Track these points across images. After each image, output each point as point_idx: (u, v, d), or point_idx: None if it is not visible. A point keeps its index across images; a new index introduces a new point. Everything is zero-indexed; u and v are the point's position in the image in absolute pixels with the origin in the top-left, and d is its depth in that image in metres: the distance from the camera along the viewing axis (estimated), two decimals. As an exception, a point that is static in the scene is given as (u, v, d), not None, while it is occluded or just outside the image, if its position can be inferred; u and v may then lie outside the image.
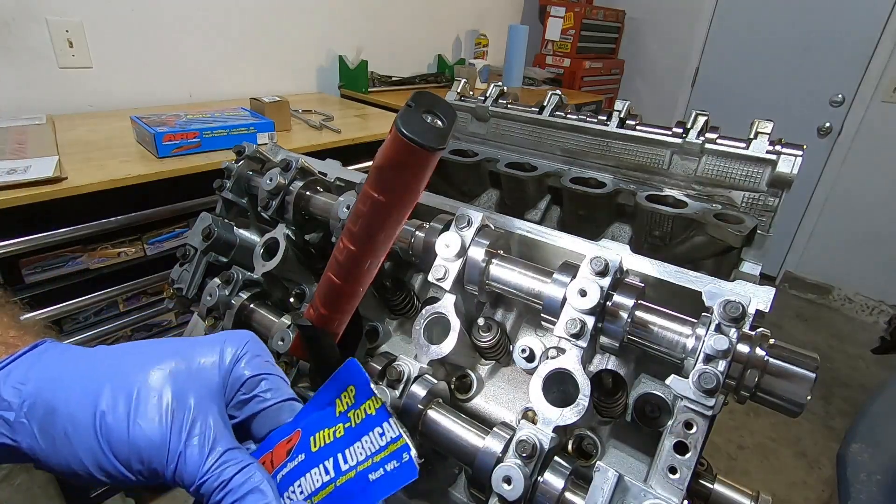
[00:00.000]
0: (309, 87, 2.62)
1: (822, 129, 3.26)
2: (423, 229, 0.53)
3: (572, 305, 0.42)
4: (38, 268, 1.23)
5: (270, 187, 0.61)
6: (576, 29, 3.44)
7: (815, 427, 2.41)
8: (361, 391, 0.36)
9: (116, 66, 1.91)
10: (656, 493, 0.36)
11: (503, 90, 1.00)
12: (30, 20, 1.68)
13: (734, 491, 0.43)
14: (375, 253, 0.39)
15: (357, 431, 0.35)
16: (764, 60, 3.39)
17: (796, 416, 0.37)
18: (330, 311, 0.43)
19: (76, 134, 1.57)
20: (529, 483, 0.37)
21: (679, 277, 0.44)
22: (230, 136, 1.51)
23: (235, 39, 2.23)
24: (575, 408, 0.40)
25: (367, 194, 0.35)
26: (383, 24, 2.82)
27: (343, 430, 0.36)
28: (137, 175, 1.29)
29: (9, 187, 1.11)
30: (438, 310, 0.49)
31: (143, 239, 1.40)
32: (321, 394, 0.38)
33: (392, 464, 0.33)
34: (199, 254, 0.64)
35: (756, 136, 0.73)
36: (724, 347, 0.37)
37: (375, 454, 0.34)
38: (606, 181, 0.80)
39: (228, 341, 0.38)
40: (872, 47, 2.99)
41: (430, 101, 0.33)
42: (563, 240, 0.50)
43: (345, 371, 0.38)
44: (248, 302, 0.59)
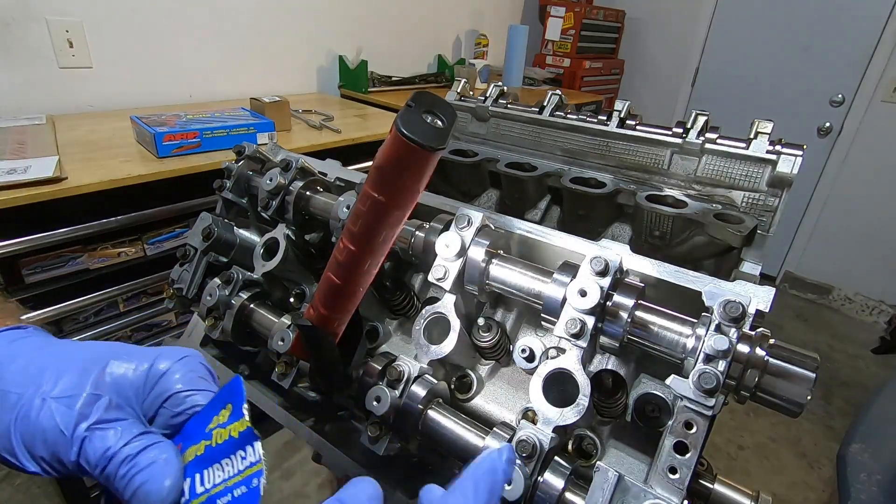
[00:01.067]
0: (309, 87, 2.62)
1: (822, 129, 3.26)
2: (423, 229, 0.53)
3: (572, 305, 0.42)
4: (38, 268, 1.23)
5: (270, 187, 0.61)
6: (576, 29, 3.44)
7: (815, 427, 2.41)
8: (236, 411, 0.35)
9: (116, 66, 1.91)
10: (656, 493, 0.36)
11: (503, 90, 1.00)
12: (30, 20, 1.68)
13: (734, 491, 0.43)
14: (375, 253, 0.39)
15: (217, 452, 0.35)
16: (764, 60, 3.39)
17: (796, 416, 0.37)
18: (330, 311, 0.43)
19: (76, 134, 1.57)
20: (529, 483, 0.37)
21: (679, 277, 0.44)
22: (230, 136, 1.51)
23: (235, 39, 2.23)
24: (575, 408, 0.40)
25: (367, 194, 0.35)
26: (383, 24, 2.82)
27: (203, 449, 0.35)
28: (137, 175, 1.29)
29: (9, 187, 1.11)
30: (438, 310, 0.49)
31: (143, 239, 1.40)
32: (207, 409, 0.37)
33: (241, 489, 0.33)
34: (199, 254, 0.64)
35: (756, 136, 0.73)
36: (725, 347, 0.37)
37: (230, 478, 0.33)
38: (606, 181, 0.80)
39: (163, 354, 0.38)
40: (872, 47, 2.99)
41: (430, 101, 0.33)
42: (563, 240, 0.50)
43: (228, 388, 0.37)
44: (248, 302, 0.59)
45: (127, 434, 0.34)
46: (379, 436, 0.45)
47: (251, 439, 0.34)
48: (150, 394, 0.37)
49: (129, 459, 0.33)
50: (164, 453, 0.34)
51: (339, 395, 0.53)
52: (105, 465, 0.33)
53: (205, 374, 0.39)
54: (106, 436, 0.33)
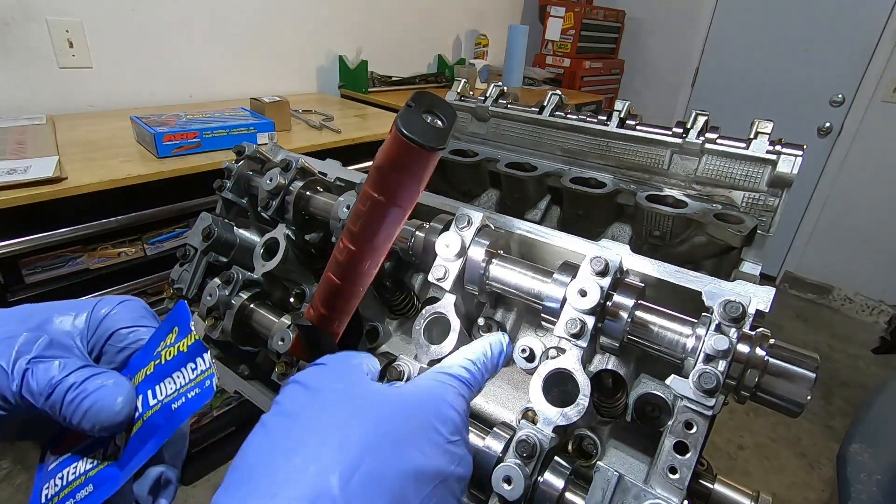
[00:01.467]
0: (309, 87, 2.62)
1: (822, 129, 3.26)
2: (423, 229, 0.53)
3: (572, 305, 0.42)
4: (38, 268, 1.23)
5: (270, 187, 0.61)
6: (576, 29, 3.44)
7: (815, 427, 2.41)
8: (182, 331, 0.37)
9: (116, 66, 1.91)
10: (656, 493, 0.36)
11: (503, 90, 1.00)
12: (30, 20, 1.68)
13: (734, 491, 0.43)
14: (375, 253, 0.39)
15: (167, 368, 0.36)
16: (764, 60, 3.39)
17: (796, 416, 0.37)
18: (330, 311, 0.43)
19: (76, 134, 1.57)
20: (529, 483, 0.37)
21: (679, 277, 0.44)
22: (230, 136, 1.51)
23: (236, 39, 2.23)
24: (575, 408, 0.40)
25: (367, 194, 0.35)
26: (383, 24, 2.82)
27: (153, 368, 0.36)
28: (137, 175, 1.29)
29: (9, 187, 1.11)
30: (438, 310, 0.49)
31: (143, 239, 1.40)
32: (153, 338, 0.39)
33: (194, 391, 0.34)
34: (199, 254, 0.64)
35: (756, 136, 0.73)
36: (725, 347, 0.37)
37: (183, 386, 0.35)
38: (606, 181, 0.80)
39: (103, 301, 0.39)
40: (872, 47, 2.99)
41: (430, 101, 0.33)
42: (563, 240, 0.50)
43: (172, 314, 0.39)
44: (248, 302, 0.59)
45: (71, 366, 0.34)
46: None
47: (200, 351, 0.36)
48: (93, 335, 0.38)
49: (75, 387, 0.33)
50: (112, 378, 0.34)
51: (339, 395, 0.53)
52: (50, 394, 0.33)
53: (146, 314, 0.40)
54: (49, 367, 0.33)
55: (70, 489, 0.35)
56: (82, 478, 0.35)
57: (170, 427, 0.34)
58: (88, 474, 0.35)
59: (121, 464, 0.34)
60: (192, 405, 0.34)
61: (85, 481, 0.35)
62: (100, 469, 0.35)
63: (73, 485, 0.35)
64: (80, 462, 0.36)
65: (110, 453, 0.36)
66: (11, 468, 1.83)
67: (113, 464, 0.35)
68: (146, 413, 0.35)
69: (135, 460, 0.34)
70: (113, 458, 0.35)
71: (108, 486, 0.34)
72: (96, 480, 0.34)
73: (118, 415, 0.33)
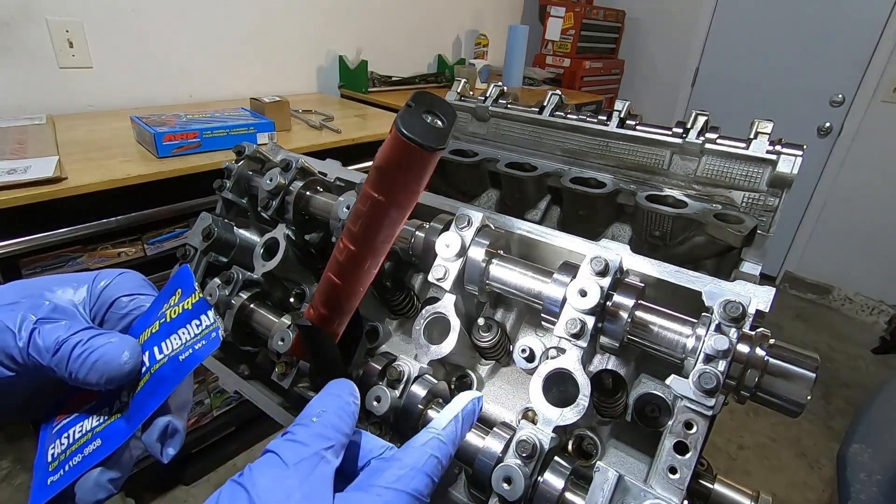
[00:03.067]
0: (309, 87, 2.62)
1: (822, 129, 3.26)
2: (423, 229, 0.53)
3: (572, 305, 0.42)
4: (38, 268, 1.23)
5: (270, 187, 0.61)
6: (576, 29, 3.44)
7: (815, 427, 2.41)
8: (186, 291, 0.39)
9: (116, 66, 1.91)
10: (656, 493, 0.36)
11: (503, 90, 1.00)
12: (30, 20, 1.68)
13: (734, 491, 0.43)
14: (375, 253, 0.39)
15: (172, 325, 0.37)
16: (764, 60, 3.39)
17: (796, 416, 0.37)
18: (330, 311, 0.43)
19: (76, 134, 1.57)
20: (529, 483, 0.37)
21: (679, 277, 0.44)
22: (230, 136, 1.51)
23: (236, 39, 2.23)
24: (575, 408, 0.40)
25: (367, 194, 0.35)
26: (383, 24, 2.82)
27: (158, 326, 0.38)
28: (137, 175, 1.29)
29: (9, 187, 1.11)
30: (438, 310, 0.49)
31: (143, 239, 1.40)
32: (156, 301, 0.40)
33: (200, 343, 0.36)
34: (199, 254, 0.64)
35: (756, 136, 0.73)
36: (725, 347, 0.36)
37: (189, 340, 0.36)
38: (606, 181, 0.80)
39: (102, 274, 0.41)
40: (872, 47, 2.99)
41: (430, 101, 0.33)
42: (563, 240, 0.50)
43: (175, 277, 0.40)
44: (248, 302, 0.59)
45: (75, 327, 0.35)
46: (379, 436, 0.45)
47: (204, 308, 0.37)
48: (95, 303, 0.39)
49: (81, 343, 0.34)
50: (116, 336, 0.36)
51: (339, 395, 0.53)
52: (57, 350, 0.34)
53: (145, 284, 0.42)
54: (56, 327, 0.34)
55: (77, 445, 0.36)
56: (89, 434, 0.36)
57: (177, 377, 0.35)
58: (95, 430, 0.36)
59: (128, 417, 0.36)
60: (199, 355, 0.35)
61: (92, 437, 0.36)
62: (107, 424, 0.36)
63: (81, 441, 0.36)
64: (87, 421, 0.37)
65: (116, 410, 0.37)
66: (11, 468, 1.83)
67: (120, 418, 0.36)
68: (153, 367, 0.36)
69: (143, 411, 0.35)
70: (119, 414, 0.36)
71: (116, 438, 0.35)
72: (103, 435, 0.36)
73: (124, 366, 0.35)
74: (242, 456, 2.02)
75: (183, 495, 1.84)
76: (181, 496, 1.84)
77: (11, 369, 0.34)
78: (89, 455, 0.35)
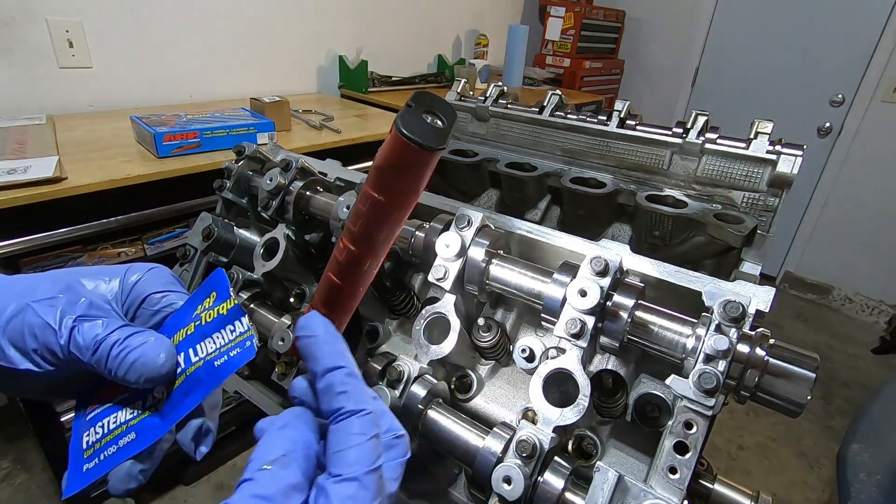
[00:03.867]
0: (309, 87, 2.62)
1: (822, 129, 3.26)
2: (423, 229, 0.53)
3: (572, 305, 0.42)
4: (38, 268, 1.23)
5: (270, 187, 0.61)
6: (576, 29, 3.44)
7: (815, 427, 2.41)
8: (221, 296, 0.39)
9: (116, 66, 1.91)
10: (656, 493, 0.36)
11: (503, 90, 1.00)
12: (30, 20, 1.68)
13: (734, 491, 0.43)
14: (375, 253, 0.39)
15: (207, 328, 0.38)
16: (764, 60, 3.39)
17: (796, 416, 0.37)
18: (330, 311, 0.43)
19: (76, 134, 1.57)
20: (529, 483, 0.37)
21: (679, 277, 0.44)
22: (230, 136, 1.51)
23: (236, 39, 2.23)
24: (575, 408, 0.40)
25: (367, 194, 0.35)
26: (383, 24, 2.82)
27: (193, 329, 0.39)
28: (137, 175, 1.29)
29: (9, 187, 1.11)
30: (438, 310, 0.49)
31: (143, 239, 1.40)
32: (189, 302, 0.41)
33: (236, 350, 0.36)
34: (199, 254, 0.64)
35: (756, 136, 0.73)
36: (725, 347, 0.37)
37: (224, 345, 0.37)
38: (606, 181, 0.80)
39: (132, 268, 0.41)
40: (872, 47, 2.99)
41: (430, 101, 0.33)
42: (563, 240, 0.50)
43: (210, 279, 0.41)
44: (248, 302, 0.59)
45: (112, 325, 0.36)
46: (379, 436, 0.45)
47: (239, 314, 0.38)
48: (126, 298, 0.39)
49: (119, 343, 0.35)
50: (153, 336, 0.37)
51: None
52: (96, 348, 0.35)
53: (174, 280, 0.42)
54: (94, 325, 0.35)
55: (112, 436, 0.38)
56: (124, 426, 0.38)
57: (212, 382, 0.36)
58: (129, 423, 0.38)
59: (162, 414, 0.37)
60: (235, 363, 0.36)
61: (127, 429, 0.37)
62: (141, 419, 0.38)
63: (115, 432, 0.38)
64: (121, 412, 0.39)
65: (150, 405, 0.38)
66: (11, 468, 1.83)
67: (154, 414, 0.37)
68: (189, 368, 0.37)
69: (178, 410, 0.36)
70: (153, 409, 0.38)
71: (151, 433, 0.36)
72: (138, 429, 0.37)
73: (162, 367, 0.36)
74: (242, 456, 2.02)
75: (183, 495, 1.84)
76: (181, 496, 1.84)
77: (53, 364, 0.35)
78: (124, 447, 0.36)
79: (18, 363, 0.35)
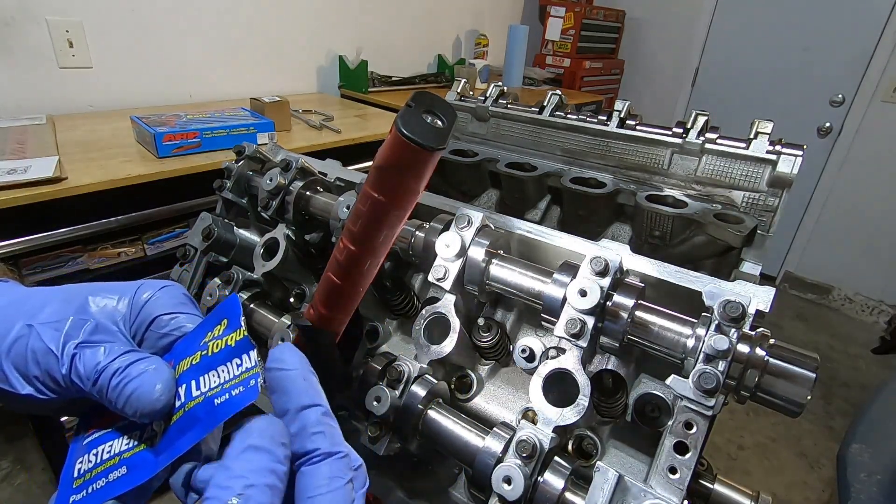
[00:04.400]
0: (309, 87, 2.62)
1: (822, 129, 3.26)
2: (423, 229, 0.53)
3: (572, 305, 0.42)
4: (38, 268, 1.23)
5: (270, 187, 0.61)
6: (576, 29, 3.44)
7: (815, 427, 2.41)
8: (231, 325, 0.37)
9: (116, 66, 1.91)
10: (656, 493, 0.36)
11: (503, 90, 1.00)
12: (30, 20, 1.68)
13: (734, 491, 0.43)
14: (375, 253, 0.39)
15: (212, 360, 0.36)
16: (764, 60, 3.39)
17: (796, 416, 0.37)
18: (330, 311, 0.43)
19: (76, 134, 1.57)
20: (529, 483, 0.37)
21: (679, 277, 0.44)
22: (230, 136, 1.51)
23: (236, 39, 2.23)
24: (575, 408, 0.40)
25: (367, 194, 0.35)
26: (383, 24, 2.82)
27: (199, 358, 0.36)
28: (137, 175, 1.29)
29: (9, 187, 1.11)
30: (438, 310, 0.49)
31: (143, 239, 1.40)
32: (200, 327, 0.39)
33: (238, 389, 0.34)
34: (199, 254, 0.64)
35: (756, 136, 0.73)
36: (725, 347, 0.37)
37: (227, 381, 0.34)
38: (606, 181, 0.80)
39: (145, 285, 0.39)
40: (872, 47, 2.99)
41: (430, 101, 0.33)
42: (563, 240, 0.50)
43: (222, 306, 0.39)
44: (248, 302, 0.59)
45: (115, 351, 0.34)
46: (379, 436, 0.45)
47: (247, 348, 0.35)
48: (135, 320, 0.38)
49: (119, 371, 0.33)
50: (154, 364, 0.35)
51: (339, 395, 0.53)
52: (97, 378, 0.33)
53: (186, 301, 0.40)
54: (96, 352, 0.34)
55: (103, 468, 0.35)
56: (116, 458, 0.36)
57: (210, 423, 0.33)
58: (123, 455, 0.35)
59: (156, 451, 0.35)
60: (236, 404, 0.33)
61: (119, 462, 0.35)
62: (135, 452, 0.35)
63: (107, 464, 0.35)
64: (116, 441, 0.36)
65: (147, 437, 0.36)
66: (11, 468, 1.83)
67: (148, 449, 0.35)
68: (189, 403, 0.35)
69: (171, 450, 0.34)
70: (149, 444, 0.35)
71: (142, 472, 0.34)
72: (130, 464, 0.35)
73: (156, 402, 0.34)
74: (242, 456, 2.02)
75: (183, 495, 1.84)
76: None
77: (55, 392, 0.34)
78: (113, 482, 0.34)
79: (20, 388, 0.34)
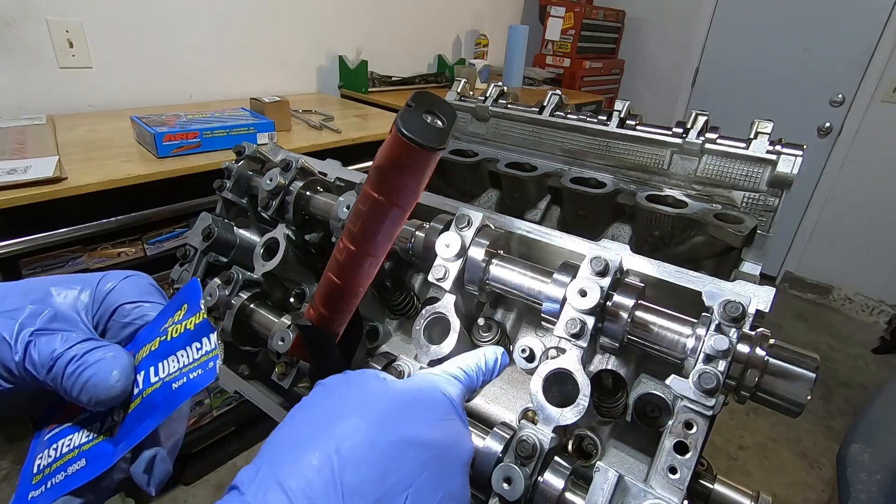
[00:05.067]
0: (309, 87, 2.62)
1: (822, 129, 3.26)
2: (423, 229, 0.53)
3: (572, 305, 0.42)
4: (38, 268, 1.23)
5: (270, 187, 0.61)
6: (576, 29, 3.44)
7: (815, 427, 2.41)
8: (191, 308, 0.37)
9: (116, 66, 1.91)
10: (656, 493, 0.36)
11: (503, 90, 1.00)
12: (30, 20, 1.68)
13: (734, 491, 0.43)
14: (375, 253, 0.39)
15: (172, 345, 0.35)
16: (764, 60, 3.39)
17: (796, 416, 0.37)
18: (330, 311, 0.43)
19: (76, 134, 1.57)
20: (529, 483, 0.37)
21: (679, 277, 0.44)
22: (230, 136, 1.51)
23: (235, 39, 2.23)
24: (575, 408, 0.40)
25: (367, 194, 0.35)
26: (383, 24, 2.82)
27: (158, 344, 0.36)
28: (137, 175, 1.29)
29: (9, 187, 1.11)
30: (438, 310, 0.49)
31: (143, 239, 1.40)
32: (161, 314, 0.38)
33: (197, 372, 0.33)
34: (199, 254, 0.64)
35: (756, 136, 0.73)
36: (725, 347, 0.36)
37: (186, 365, 0.34)
38: (606, 181, 0.80)
39: (108, 276, 0.39)
40: (872, 47, 2.99)
41: (430, 101, 0.33)
42: (563, 240, 0.50)
43: (184, 290, 0.38)
44: (248, 302, 0.59)
45: (73, 339, 0.34)
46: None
47: (207, 331, 0.35)
48: (98, 310, 0.37)
49: (75, 359, 0.33)
50: (112, 352, 0.34)
51: (339, 395, 0.53)
52: (52, 366, 0.33)
53: (152, 290, 0.40)
54: (52, 340, 0.33)
55: (63, 461, 0.35)
56: (76, 451, 0.35)
57: (167, 407, 0.33)
58: (83, 448, 0.35)
59: (115, 440, 0.34)
60: (193, 386, 0.33)
61: (78, 455, 0.35)
62: (94, 444, 0.35)
63: (67, 457, 0.35)
64: (76, 434, 0.36)
65: (107, 428, 0.35)
66: (11, 468, 1.83)
67: (108, 440, 0.35)
68: (146, 390, 0.34)
69: (129, 438, 0.33)
70: (109, 434, 0.35)
71: (101, 462, 0.33)
72: (89, 455, 0.34)
73: (113, 388, 0.33)
74: (242, 456, 2.02)
75: (183, 495, 1.84)
76: (181, 496, 1.84)
77: (9, 381, 0.33)
78: (72, 475, 0.33)
79: None
